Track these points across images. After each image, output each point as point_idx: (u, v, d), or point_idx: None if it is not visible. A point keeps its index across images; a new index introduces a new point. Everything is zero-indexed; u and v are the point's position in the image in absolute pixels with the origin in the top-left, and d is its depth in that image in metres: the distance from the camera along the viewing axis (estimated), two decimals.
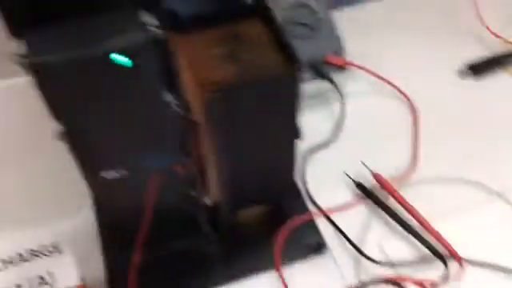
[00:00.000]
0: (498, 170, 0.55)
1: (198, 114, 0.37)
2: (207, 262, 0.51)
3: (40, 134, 0.45)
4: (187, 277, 0.50)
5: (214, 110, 0.36)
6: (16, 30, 0.26)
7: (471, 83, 0.64)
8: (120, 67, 0.26)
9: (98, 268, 0.50)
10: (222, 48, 0.38)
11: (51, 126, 0.36)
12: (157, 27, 0.27)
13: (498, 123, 0.60)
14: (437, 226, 0.50)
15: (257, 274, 0.50)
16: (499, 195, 0.53)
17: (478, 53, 0.66)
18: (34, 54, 0.25)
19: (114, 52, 0.24)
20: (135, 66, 0.26)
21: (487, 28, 0.66)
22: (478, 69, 0.64)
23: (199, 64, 0.37)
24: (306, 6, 0.58)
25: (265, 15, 0.39)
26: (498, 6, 0.70)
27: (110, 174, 0.35)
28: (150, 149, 0.33)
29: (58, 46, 0.25)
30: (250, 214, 0.52)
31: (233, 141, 0.39)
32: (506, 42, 0.66)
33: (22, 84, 0.39)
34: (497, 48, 0.66)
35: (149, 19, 0.27)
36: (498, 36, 0.66)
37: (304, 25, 0.58)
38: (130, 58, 0.25)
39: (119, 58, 0.25)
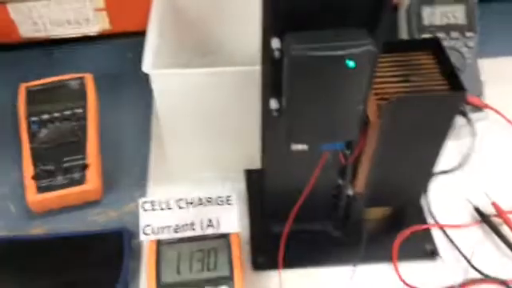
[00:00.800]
0: None
1: (372, 115, 0.47)
2: (334, 244, 0.61)
3: (233, 115, 0.58)
4: (315, 252, 0.61)
5: (384, 116, 0.47)
6: (276, 30, 0.38)
7: None
8: (346, 68, 0.37)
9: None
10: (397, 70, 0.49)
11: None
12: (373, 44, 0.38)
13: None
14: None
15: (374, 263, 0.59)
16: None
17: None
18: (294, 49, 0.37)
19: (349, 56, 0.36)
20: (357, 68, 0.37)
21: None
22: None
23: (378, 78, 0.48)
24: (458, 51, 0.67)
25: (437, 49, 0.49)
26: None
27: (297, 147, 0.46)
28: (337, 133, 0.44)
29: (312, 45, 0.36)
30: (378, 212, 0.62)
31: (392, 145, 0.49)
32: None
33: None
34: None
35: (370, 37, 0.38)
36: None
37: None
38: (355, 62, 0.36)
39: (349, 62, 0.36)
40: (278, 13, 0.38)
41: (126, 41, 0.83)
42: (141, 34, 0.79)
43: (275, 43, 0.39)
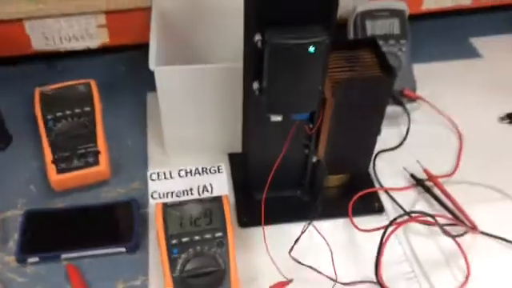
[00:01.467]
0: None
1: (327, 95, 0.64)
2: (302, 206, 0.77)
3: (221, 105, 0.74)
4: (288, 213, 0.76)
5: (336, 95, 0.63)
6: (258, 27, 0.55)
7: (506, 126, 0.89)
8: (308, 52, 0.53)
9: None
10: (345, 62, 0.66)
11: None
12: (327, 36, 0.54)
13: None
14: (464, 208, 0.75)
15: (335, 218, 0.75)
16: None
17: None
18: (273, 38, 0.53)
19: (311, 44, 0.52)
20: (316, 53, 0.53)
21: None
22: None
23: (332, 69, 0.65)
24: (394, 54, 0.85)
25: (375, 47, 0.67)
26: None
27: (275, 118, 0.62)
28: (304, 105, 0.60)
29: (285, 36, 0.53)
30: (337, 179, 0.78)
31: (343, 118, 0.66)
32: None
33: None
34: None
35: (325, 32, 0.54)
36: None
37: None
38: (315, 48, 0.53)
39: (311, 48, 0.52)
40: (260, 15, 0.54)
41: (121, 55, 0.99)
42: (134, 48, 0.95)
43: (258, 36, 0.55)
